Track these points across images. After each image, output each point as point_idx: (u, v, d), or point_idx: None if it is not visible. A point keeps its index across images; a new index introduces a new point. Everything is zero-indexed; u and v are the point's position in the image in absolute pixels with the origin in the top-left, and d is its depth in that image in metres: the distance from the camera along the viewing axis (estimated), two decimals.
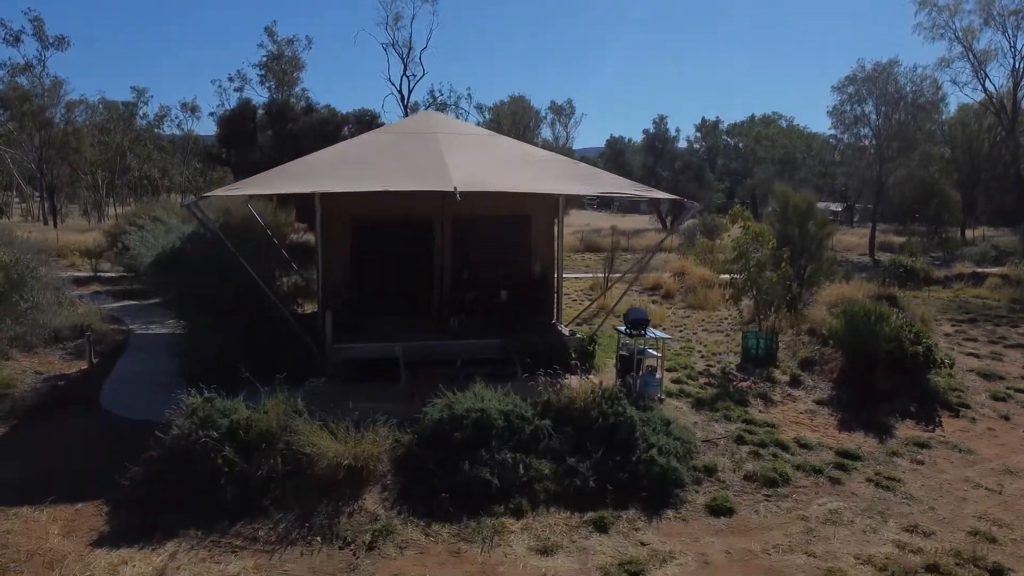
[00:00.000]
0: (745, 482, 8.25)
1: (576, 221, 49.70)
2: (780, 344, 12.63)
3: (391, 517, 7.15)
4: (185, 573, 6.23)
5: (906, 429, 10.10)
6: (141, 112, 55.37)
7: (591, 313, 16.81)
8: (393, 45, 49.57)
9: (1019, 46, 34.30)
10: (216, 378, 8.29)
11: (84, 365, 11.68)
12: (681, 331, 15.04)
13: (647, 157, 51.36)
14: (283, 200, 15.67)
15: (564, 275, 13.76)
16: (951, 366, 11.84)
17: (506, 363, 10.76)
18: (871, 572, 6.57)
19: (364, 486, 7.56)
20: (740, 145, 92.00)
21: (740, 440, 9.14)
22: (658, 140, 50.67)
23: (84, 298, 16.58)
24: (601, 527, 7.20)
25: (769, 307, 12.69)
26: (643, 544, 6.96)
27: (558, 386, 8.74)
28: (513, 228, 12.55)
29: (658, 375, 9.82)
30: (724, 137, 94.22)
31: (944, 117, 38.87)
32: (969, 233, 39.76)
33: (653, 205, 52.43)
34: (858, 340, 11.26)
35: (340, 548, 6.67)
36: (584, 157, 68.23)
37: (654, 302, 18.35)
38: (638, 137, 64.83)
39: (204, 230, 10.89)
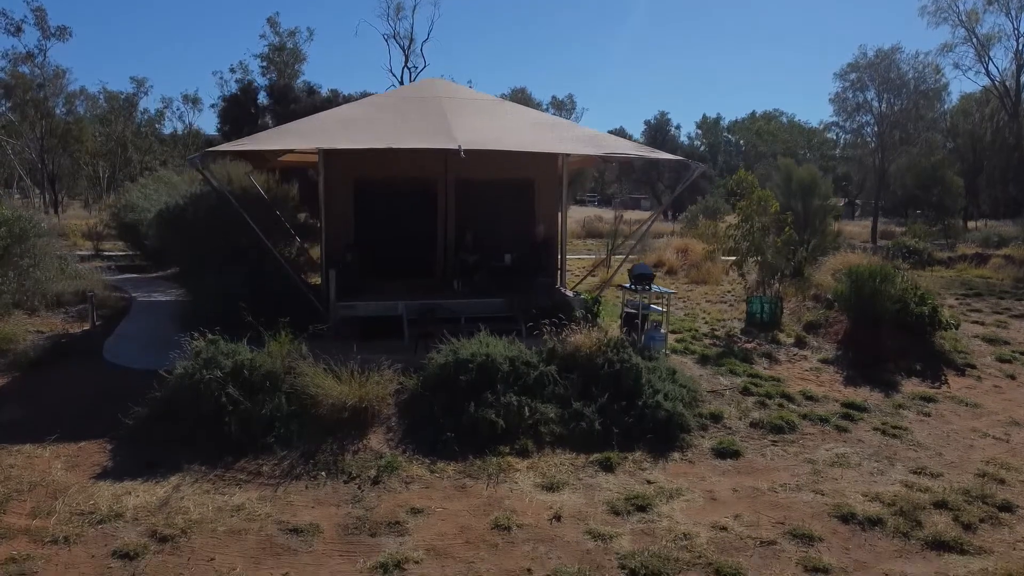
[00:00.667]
0: (751, 429, 8.21)
1: (578, 215, 49.64)
2: (784, 310, 12.58)
3: (396, 455, 7.11)
4: (189, 503, 6.19)
5: (912, 386, 10.05)
6: (142, 107, 55.33)
7: (594, 286, 16.81)
8: (394, 36, 49.64)
9: (1023, 28, 34.17)
10: (219, 328, 8.25)
11: (86, 326, 11.64)
12: (685, 302, 14.98)
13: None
14: (285, 176, 15.67)
15: (567, 256, 13.72)
16: (957, 327, 11.79)
17: (510, 320, 10.71)
18: (879, 507, 6.52)
19: (369, 427, 7.52)
20: (741, 142, 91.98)
21: (746, 391, 9.10)
22: (659, 131, 50.59)
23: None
24: (607, 467, 7.15)
25: (774, 273, 12.62)
26: (649, 482, 6.91)
27: (563, 335, 8.69)
28: (517, 192, 12.51)
29: (663, 330, 9.77)
30: (725, 134, 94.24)
31: (946, 107, 38.80)
32: (971, 225, 39.70)
33: (657, 202, 52.42)
34: (863, 301, 11.21)
35: (345, 482, 6.63)
36: None
37: (658, 277, 18.30)
38: (638, 133, 64.85)
39: (209, 188, 10.85)
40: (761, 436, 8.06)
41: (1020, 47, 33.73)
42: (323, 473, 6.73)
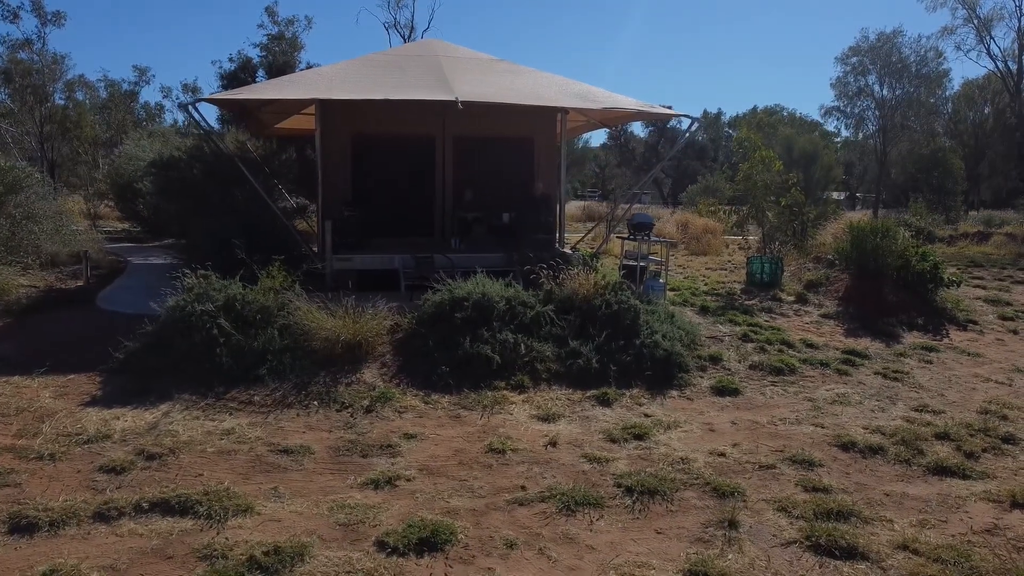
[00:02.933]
0: (751, 370, 8.10)
1: (578, 213, 49.51)
2: (785, 272, 12.47)
3: (390, 387, 7.00)
4: (179, 427, 6.09)
5: (913, 338, 9.94)
6: (143, 99, 55.07)
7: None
8: (395, 25, 49.24)
9: None
10: (212, 267, 8.15)
11: (80, 283, 11.53)
12: (685, 270, 14.87)
13: (651, 134, 51.09)
14: (282, 145, 15.55)
15: (565, 234, 13.59)
16: (959, 285, 11.67)
17: (508, 275, 10.60)
18: (881, 438, 6.41)
19: (363, 362, 7.41)
20: (733, 143, 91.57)
21: (745, 338, 8.99)
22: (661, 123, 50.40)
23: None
24: (604, 402, 7.05)
25: (776, 234, 12.50)
26: (647, 416, 6.80)
27: (560, 278, 8.58)
28: (516, 150, 12.40)
29: (662, 280, 9.66)
30: (726, 129, 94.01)
31: (948, 93, 38.61)
32: (971, 214, 39.44)
33: (657, 190, 52.33)
34: (864, 257, 11.10)
35: (337, 411, 6.53)
36: (586, 147, 68.06)
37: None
38: (640, 125, 64.53)
39: (203, 142, 10.74)
40: (761, 377, 7.95)
41: (1022, 26, 33.49)
42: (315, 402, 6.63)
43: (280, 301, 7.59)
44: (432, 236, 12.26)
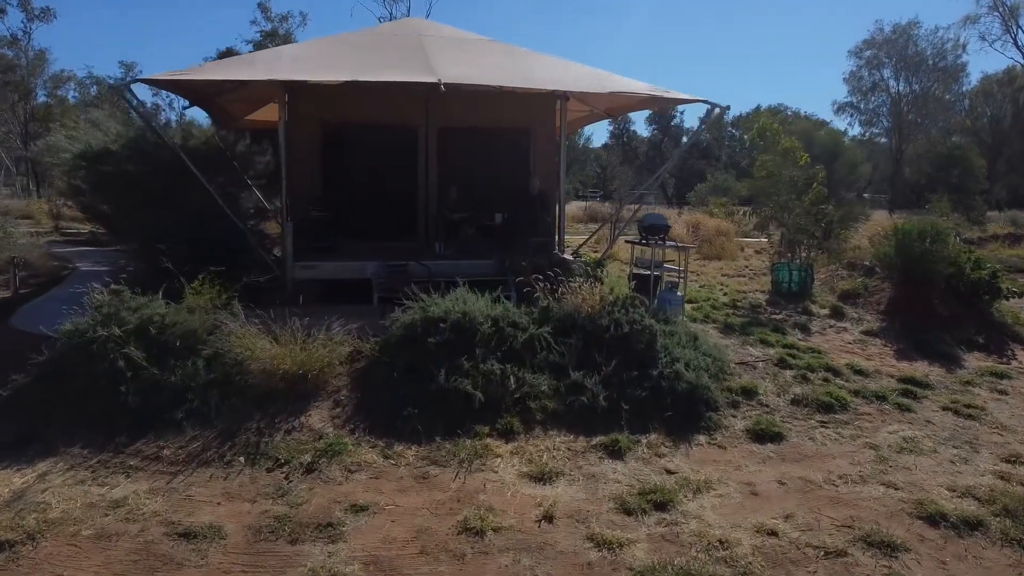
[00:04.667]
0: (793, 407, 6.59)
1: (579, 213, 47.93)
2: (815, 280, 10.97)
3: (341, 435, 5.50)
4: (53, 496, 4.61)
5: (976, 360, 8.43)
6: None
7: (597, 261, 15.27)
8: (391, 20, 47.93)
9: None
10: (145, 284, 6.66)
11: (8, 294, 10.05)
12: (699, 277, 13.37)
13: (655, 133, 49.61)
14: (257, 140, 14.02)
15: (565, 236, 12.08)
16: (1021, 295, 10.15)
17: (500, 285, 9.14)
18: (974, 506, 4.92)
19: (311, 400, 5.92)
20: (745, 137, 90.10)
21: (782, 363, 7.49)
22: (664, 118, 48.93)
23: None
24: (615, 452, 5.56)
25: (803, 236, 11.00)
26: (669, 472, 5.31)
27: (559, 292, 7.10)
28: (510, 142, 10.93)
29: (679, 292, 8.16)
30: (729, 129, 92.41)
31: (965, 89, 37.04)
32: (989, 214, 37.87)
33: (661, 190, 50.78)
34: (911, 264, 9.60)
35: (269, 470, 5.03)
36: (587, 147, 66.53)
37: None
38: (642, 120, 63.05)
39: (145, 129, 9.26)
40: (806, 415, 6.45)
41: None
42: (241, 458, 5.13)
43: (211, 323, 6.10)
44: (414, 239, 10.78)
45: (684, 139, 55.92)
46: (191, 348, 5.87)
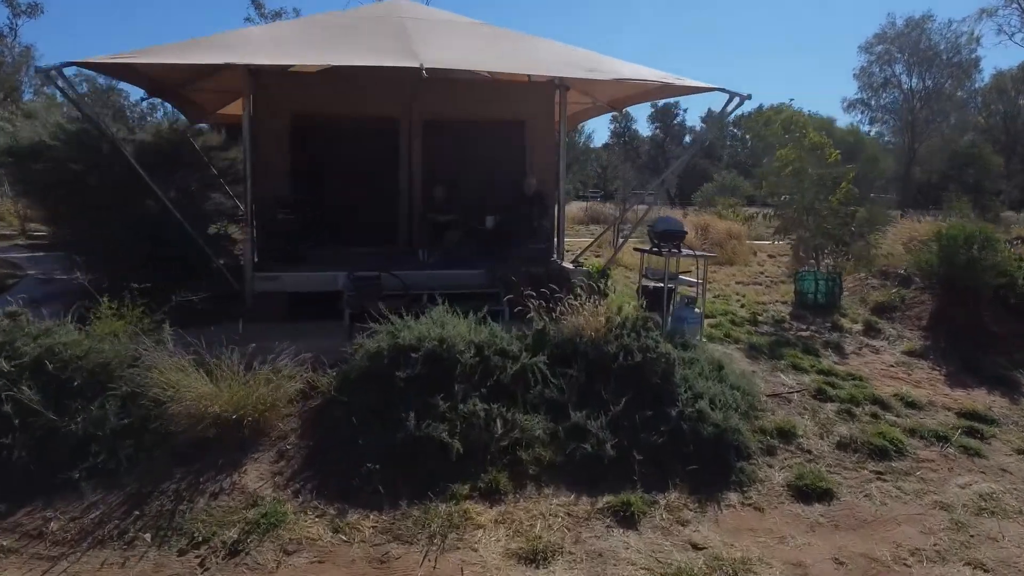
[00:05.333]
0: (840, 452, 5.46)
1: (579, 214, 46.58)
2: (843, 290, 9.84)
3: (281, 500, 4.37)
4: None
5: None
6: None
7: (599, 266, 14.15)
8: None
9: None
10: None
11: None
12: (711, 285, 12.23)
13: (656, 132, 48.46)
14: (234, 136, 12.88)
15: (565, 240, 10.95)
16: None
17: (490, 297, 8.03)
18: None
19: (249, 451, 4.78)
20: (748, 137, 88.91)
21: (820, 395, 6.36)
22: (666, 115, 47.81)
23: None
24: (626, 518, 4.43)
25: (828, 241, 9.87)
26: (696, 547, 4.19)
27: (557, 311, 5.97)
28: (504, 136, 9.81)
29: (697, 309, 7.02)
30: (732, 128, 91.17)
31: (978, 86, 35.84)
32: (1008, 214, 36.63)
33: (665, 192, 49.56)
34: (956, 274, 8.47)
35: (181, 553, 3.90)
36: (587, 147, 65.26)
37: None
38: (644, 117, 61.85)
39: (84, 121, 8.14)
40: (857, 464, 5.32)
41: None
42: (147, 535, 4.00)
43: (132, 353, 4.97)
44: (396, 245, 9.66)
45: (687, 138, 54.85)
46: (102, 386, 4.74)
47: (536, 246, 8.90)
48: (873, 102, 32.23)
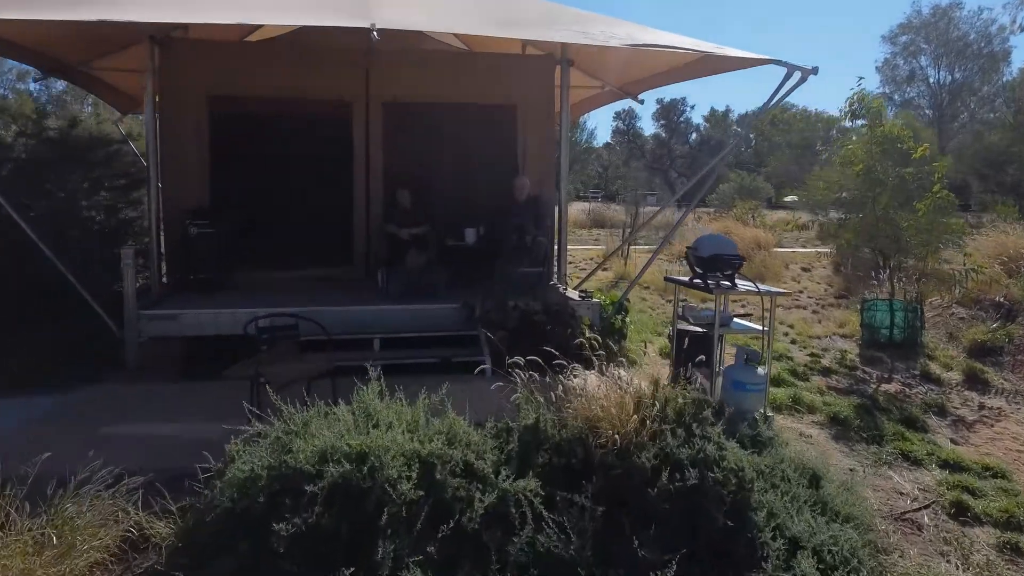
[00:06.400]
0: None
1: (580, 215, 44.15)
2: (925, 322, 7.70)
3: None
4: None
5: None
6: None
7: (608, 283, 12.03)
8: None
9: None
10: None
11: None
12: (743, 307, 10.09)
13: (661, 129, 46.29)
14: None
15: (568, 251, 8.77)
16: None
17: (466, 344, 5.89)
18: None
19: None
20: (752, 135, 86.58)
21: (960, 511, 4.18)
22: (672, 111, 45.64)
23: None
24: None
25: (906, 258, 7.74)
26: None
27: (558, 388, 3.80)
28: (488, 125, 7.67)
29: (761, 370, 4.84)
30: (735, 127, 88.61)
31: (1006, 79, 33.61)
32: None
33: (668, 190, 47.65)
34: None
35: None
36: (590, 142, 63.02)
37: None
38: (649, 114, 59.54)
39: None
40: None
41: None
42: None
43: None
44: (349, 266, 7.52)
45: (692, 136, 52.62)
46: None
47: (530, 269, 6.73)
48: (897, 96, 30.08)
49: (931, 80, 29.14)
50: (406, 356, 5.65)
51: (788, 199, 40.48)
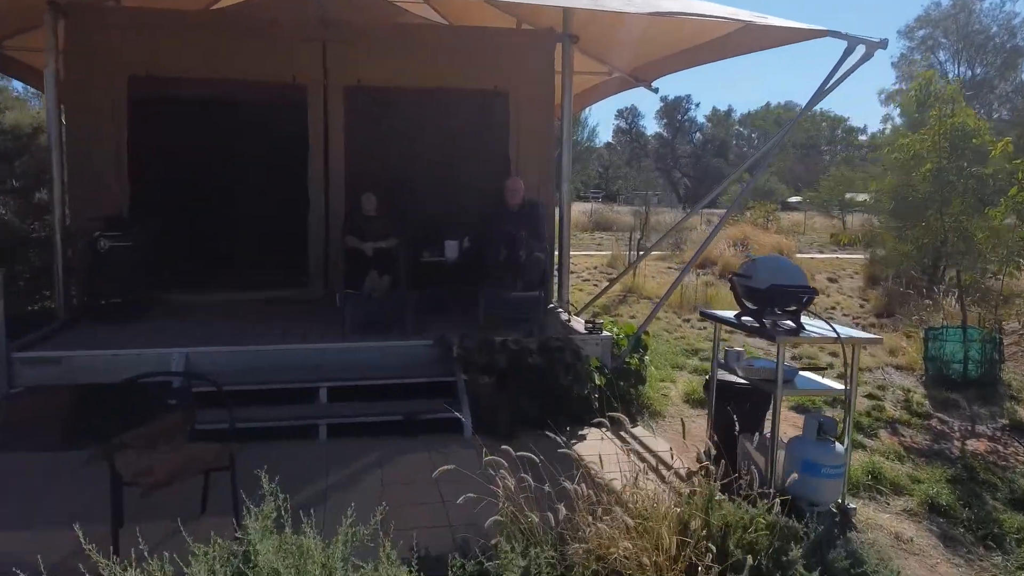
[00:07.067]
0: None
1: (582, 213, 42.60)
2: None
3: None
4: None
5: None
6: None
7: (614, 296, 10.67)
8: None
9: None
10: None
11: None
12: (793, 347, 8.77)
13: (665, 128, 44.95)
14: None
15: (570, 258, 7.35)
16: None
17: (441, 393, 4.56)
18: None
19: None
20: (754, 136, 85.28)
21: None
22: (676, 109, 44.31)
23: None
24: None
25: (980, 279, 6.43)
26: None
27: (560, 481, 2.45)
28: (474, 114, 6.32)
29: (839, 446, 3.47)
30: (737, 127, 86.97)
31: (1023, 77, 32.26)
32: None
33: (672, 191, 46.45)
34: None
35: None
36: (590, 143, 61.61)
37: (708, 284, 11.99)
38: (652, 112, 58.10)
39: None
40: None
41: None
42: None
43: None
44: (305, 287, 6.17)
45: (696, 135, 51.24)
46: None
47: (524, 293, 5.39)
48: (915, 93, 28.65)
49: (951, 76, 27.75)
50: (360, 412, 4.33)
51: (792, 199, 39.08)
